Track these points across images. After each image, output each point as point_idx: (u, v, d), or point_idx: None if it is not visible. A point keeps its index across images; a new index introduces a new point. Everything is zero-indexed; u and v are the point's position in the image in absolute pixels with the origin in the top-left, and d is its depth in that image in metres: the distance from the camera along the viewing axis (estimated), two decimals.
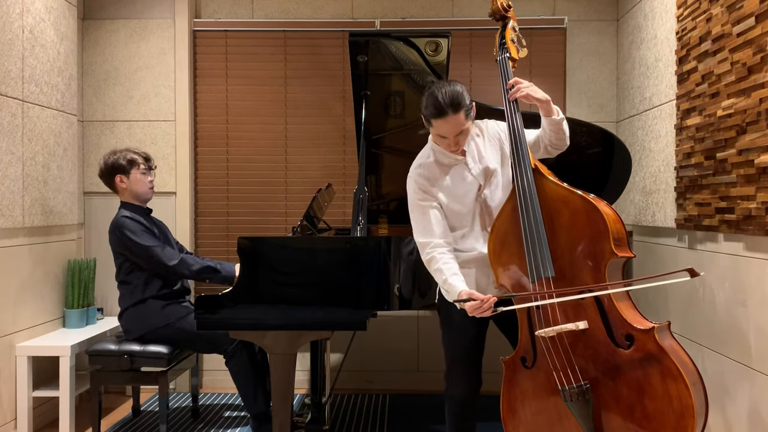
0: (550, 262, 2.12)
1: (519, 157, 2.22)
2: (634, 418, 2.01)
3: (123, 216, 3.24)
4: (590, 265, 2.09)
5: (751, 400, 2.61)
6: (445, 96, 2.18)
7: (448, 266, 2.23)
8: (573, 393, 2.06)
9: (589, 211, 2.09)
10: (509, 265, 2.22)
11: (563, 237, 2.14)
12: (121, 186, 3.32)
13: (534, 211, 2.15)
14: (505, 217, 2.24)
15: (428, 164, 2.35)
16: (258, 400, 3.17)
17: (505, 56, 2.40)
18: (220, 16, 4.29)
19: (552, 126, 2.29)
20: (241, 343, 3.14)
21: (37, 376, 3.41)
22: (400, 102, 3.29)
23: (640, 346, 1.99)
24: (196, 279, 3.28)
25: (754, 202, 2.50)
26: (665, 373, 1.95)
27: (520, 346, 2.22)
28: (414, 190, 2.34)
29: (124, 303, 3.27)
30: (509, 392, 2.24)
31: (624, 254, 2.09)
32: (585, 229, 2.10)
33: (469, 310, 2.12)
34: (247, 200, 4.30)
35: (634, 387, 2.00)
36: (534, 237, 2.13)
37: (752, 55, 2.50)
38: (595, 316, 2.07)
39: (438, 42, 3.06)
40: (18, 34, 3.34)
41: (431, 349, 4.21)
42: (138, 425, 3.57)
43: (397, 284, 2.72)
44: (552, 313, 2.11)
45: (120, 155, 3.31)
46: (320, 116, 4.28)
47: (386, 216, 3.59)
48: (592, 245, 2.09)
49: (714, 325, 2.88)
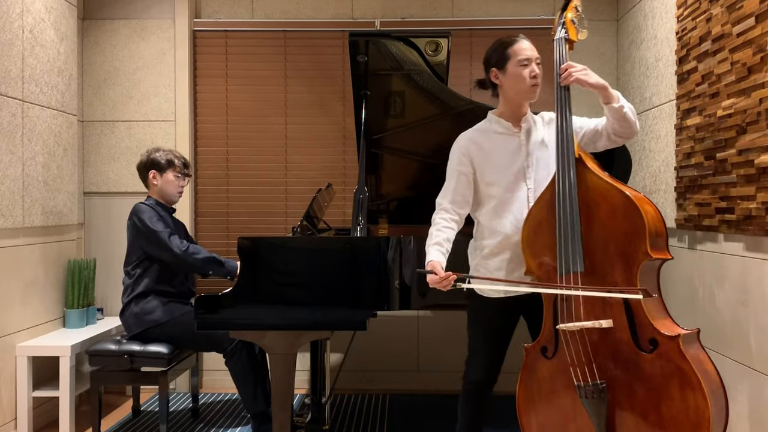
0: (581, 257, 2.08)
1: (563, 146, 2.17)
2: (647, 423, 1.99)
3: (142, 203, 3.33)
4: (622, 264, 2.05)
5: (752, 400, 2.61)
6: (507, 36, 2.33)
7: (438, 234, 2.28)
8: (589, 390, 2.05)
9: (628, 207, 2.03)
10: (540, 254, 2.20)
11: (598, 232, 2.09)
12: (153, 182, 3.38)
13: (571, 202, 2.10)
14: (543, 205, 2.20)
15: (481, 130, 2.39)
16: (258, 400, 3.17)
17: (562, 37, 2.29)
18: (220, 16, 4.29)
19: (614, 114, 2.22)
20: (241, 343, 3.14)
21: (37, 376, 3.41)
22: (400, 102, 3.29)
23: (664, 351, 1.97)
24: (200, 269, 3.28)
25: (754, 202, 2.50)
26: (685, 382, 1.92)
27: (543, 336, 2.21)
28: (453, 152, 2.37)
29: (126, 296, 3.28)
30: (527, 379, 2.24)
31: (660, 256, 2.04)
32: (622, 226, 2.04)
33: (429, 282, 2.17)
34: (247, 200, 4.30)
35: (651, 392, 1.98)
36: (568, 229, 2.10)
37: (752, 55, 2.50)
38: (620, 317, 2.04)
39: (438, 42, 3.06)
40: (18, 34, 3.34)
41: (431, 349, 4.21)
42: (138, 425, 3.57)
43: (396, 284, 2.72)
44: (576, 309, 2.10)
45: (161, 154, 3.40)
46: (320, 116, 4.28)
47: (386, 216, 3.59)
48: (626, 244, 2.04)
49: (714, 325, 2.88)
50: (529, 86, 2.28)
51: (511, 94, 2.32)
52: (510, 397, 2.29)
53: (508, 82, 2.31)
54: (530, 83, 2.28)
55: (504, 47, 2.30)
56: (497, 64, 2.31)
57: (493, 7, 4.22)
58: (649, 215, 2.03)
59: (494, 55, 2.32)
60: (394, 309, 2.73)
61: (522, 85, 2.29)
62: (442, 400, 3.91)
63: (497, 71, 2.32)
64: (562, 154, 2.16)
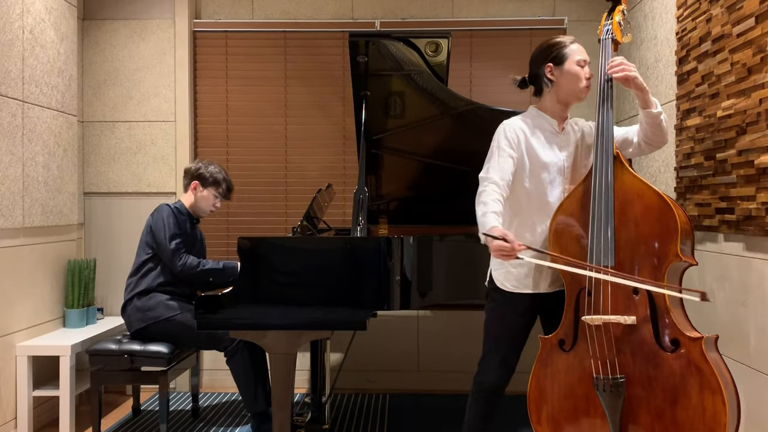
0: (612, 252, 2.11)
1: (602, 142, 2.20)
2: (662, 422, 2.00)
3: (167, 205, 3.38)
4: (652, 263, 2.08)
5: (752, 400, 2.61)
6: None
7: (495, 204, 2.19)
8: (607, 384, 2.06)
9: (663, 209, 2.08)
10: (568, 247, 2.21)
11: (631, 229, 2.12)
12: (191, 192, 3.45)
13: (607, 197, 2.14)
14: (575, 199, 2.23)
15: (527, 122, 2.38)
16: (258, 400, 3.18)
17: (609, 36, 2.37)
18: (220, 17, 4.30)
19: (649, 119, 2.27)
20: (242, 342, 3.15)
21: (37, 376, 3.42)
22: (400, 102, 3.29)
23: (685, 353, 1.99)
24: (200, 278, 3.31)
25: (754, 202, 2.51)
26: (704, 385, 1.94)
27: (561, 328, 2.22)
28: (500, 133, 2.35)
29: (129, 291, 3.31)
30: (541, 370, 2.24)
31: (687, 260, 2.08)
32: (655, 227, 2.08)
33: (494, 247, 2.06)
34: (247, 200, 4.30)
35: (669, 391, 2.00)
36: (601, 223, 2.12)
37: (752, 56, 2.50)
38: (645, 314, 2.06)
39: (438, 42, 3.06)
40: (18, 34, 3.34)
41: (431, 349, 4.21)
42: (138, 425, 3.57)
43: (397, 284, 2.72)
44: (603, 302, 2.11)
45: (212, 171, 3.46)
46: (320, 116, 4.29)
47: (386, 216, 3.60)
48: (658, 244, 2.07)
49: (714, 325, 2.88)
50: (583, 86, 2.33)
51: (564, 91, 2.34)
52: (516, 396, 2.29)
53: (563, 79, 2.33)
54: (585, 84, 2.33)
55: (562, 45, 2.33)
56: (555, 60, 2.33)
57: (493, 7, 4.22)
58: (681, 219, 2.07)
59: (551, 50, 2.34)
60: (394, 309, 2.73)
61: (577, 84, 2.32)
62: (442, 400, 3.91)
63: (554, 67, 2.33)
64: (601, 149, 2.20)
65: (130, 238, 4.09)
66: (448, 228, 3.24)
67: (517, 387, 2.65)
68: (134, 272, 3.35)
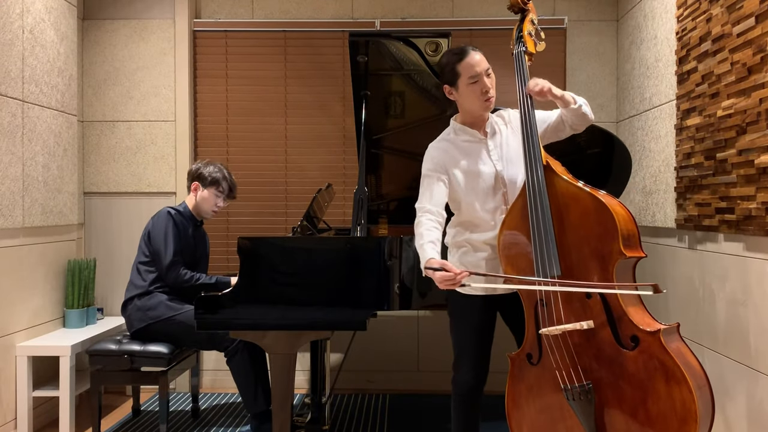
0: (557, 260, 2.11)
1: (531, 154, 2.21)
2: (636, 420, 2.00)
3: (169, 212, 3.35)
4: (597, 264, 2.08)
5: (752, 400, 2.61)
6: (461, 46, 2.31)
7: (429, 233, 2.24)
8: (576, 392, 2.06)
9: (599, 209, 2.08)
10: (517, 261, 2.22)
11: (571, 235, 2.13)
12: (193, 192, 3.43)
13: (543, 208, 2.14)
14: (516, 213, 2.24)
15: (449, 140, 2.39)
16: (258, 400, 3.18)
17: (521, 50, 2.36)
18: (220, 17, 4.29)
19: (573, 113, 2.29)
20: (243, 342, 3.15)
21: (37, 376, 3.41)
22: (400, 102, 3.29)
23: (645, 347, 1.98)
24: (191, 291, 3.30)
25: (754, 202, 2.50)
26: (669, 376, 1.94)
27: (526, 343, 2.22)
28: (427, 159, 2.37)
29: (130, 290, 3.31)
30: (514, 388, 2.25)
31: (634, 254, 2.07)
32: (593, 228, 2.08)
33: (438, 280, 2.11)
34: (247, 200, 4.30)
35: (637, 389, 2.00)
36: (542, 234, 2.13)
37: (752, 56, 2.50)
38: (600, 316, 2.06)
39: (438, 42, 3.06)
40: (18, 34, 3.34)
41: (431, 349, 4.21)
42: (138, 425, 3.57)
43: (397, 284, 2.72)
44: (557, 312, 2.11)
45: (212, 170, 3.42)
46: (320, 116, 4.28)
47: (386, 216, 3.59)
48: (600, 245, 2.07)
49: (714, 325, 2.88)
50: (482, 102, 2.29)
51: (467, 108, 2.35)
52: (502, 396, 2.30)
53: (462, 99, 2.33)
54: (483, 98, 2.29)
55: (453, 63, 2.29)
56: (449, 82, 2.32)
57: (493, 7, 4.22)
58: (619, 215, 2.07)
59: (445, 72, 2.32)
60: (394, 309, 2.73)
61: (476, 103, 2.30)
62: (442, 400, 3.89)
63: (450, 88, 2.34)
64: (530, 161, 2.21)
65: (130, 238, 4.09)
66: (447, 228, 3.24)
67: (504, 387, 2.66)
68: (135, 271, 3.35)
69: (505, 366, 2.27)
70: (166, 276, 3.25)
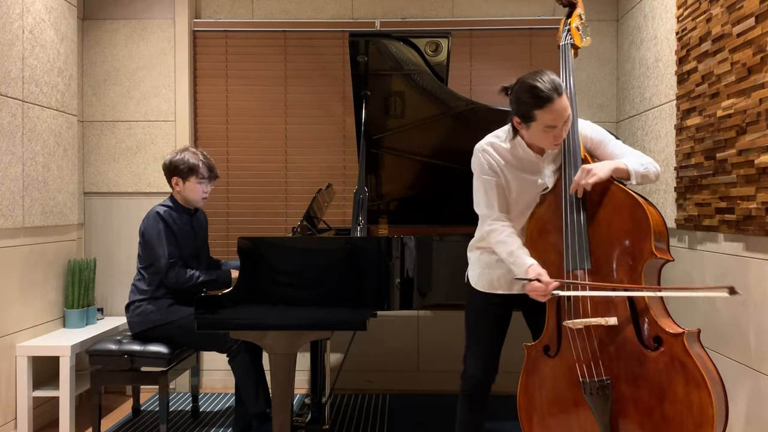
0: (588, 254, 2.11)
1: (569, 147, 2.20)
2: (651, 420, 2.01)
3: (158, 212, 3.26)
4: (627, 262, 2.08)
5: (751, 400, 2.61)
6: (546, 82, 2.06)
7: (513, 240, 2.20)
8: (594, 387, 2.07)
9: (634, 208, 2.08)
10: (545, 254, 2.22)
11: (603, 231, 2.13)
12: (175, 188, 3.34)
13: (578, 202, 2.14)
14: (547, 205, 2.23)
15: (501, 149, 2.28)
16: (259, 400, 3.17)
17: (568, 42, 2.37)
18: (220, 17, 4.29)
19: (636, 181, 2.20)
20: (244, 343, 3.14)
21: (37, 376, 3.41)
22: (400, 102, 3.29)
23: (668, 349, 1.99)
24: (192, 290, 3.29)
25: (754, 202, 2.50)
26: (689, 379, 1.95)
27: (545, 334, 2.22)
28: (479, 163, 2.29)
29: (134, 296, 3.29)
30: (528, 378, 2.25)
31: (663, 256, 2.08)
32: (627, 226, 2.09)
33: (530, 289, 2.09)
34: (247, 200, 4.30)
35: (655, 389, 2.01)
36: (575, 227, 2.13)
37: (752, 56, 2.50)
38: (625, 314, 2.07)
39: (438, 42, 3.06)
40: (18, 34, 3.34)
41: (431, 349, 4.21)
42: (138, 425, 3.57)
43: (397, 284, 2.72)
44: (583, 306, 2.11)
45: (185, 158, 3.30)
46: (320, 116, 4.28)
47: (386, 216, 3.59)
48: (632, 243, 2.08)
49: (714, 325, 2.88)
50: (550, 145, 2.19)
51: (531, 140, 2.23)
52: (509, 396, 2.30)
53: (528, 135, 2.21)
54: (551, 143, 2.18)
55: (533, 106, 2.09)
56: (523, 118, 2.16)
57: (493, 7, 4.22)
58: (653, 216, 2.07)
59: (521, 106, 2.13)
60: (394, 309, 2.74)
61: (543, 143, 2.20)
62: (442, 400, 3.91)
63: (520, 122, 2.18)
64: (568, 154, 2.20)
65: (130, 238, 4.09)
66: (448, 228, 3.24)
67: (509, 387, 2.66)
68: (138, 275, 3.31)
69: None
70: (166, 279, 3.21)
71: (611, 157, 2.26)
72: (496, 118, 2.52)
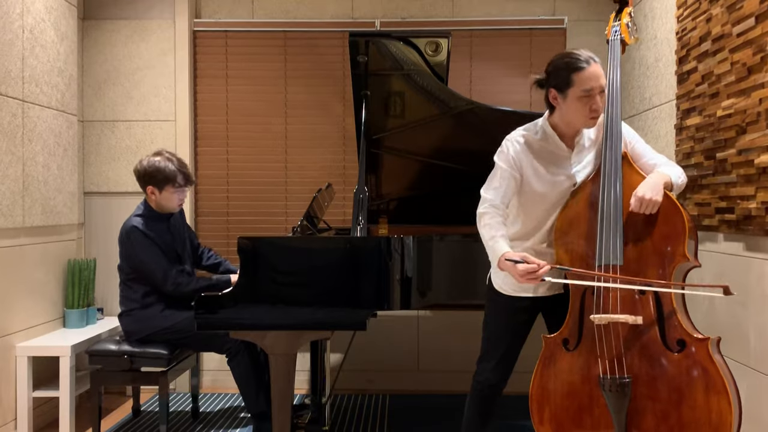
0: (621, 250, 2.10)
1: (611, 142, 2.19)
2: (667, 422, 2.01)
3: (134, 226, 3.19)
4: (659, 262, 2.08)
5: (751, 399, 2.61)
6: (581, 52, 2.18)
7: (501, 227, 2.19)
8: (614, 384, 2.06)
9: (671, 209, 2.09)
10: (573, 247, 2.21)
11: (638, 229, 2.12)
12: (151, 196, 3.28)
13: (616, 196, 2.13)
14: (581, 198, 2.22)
15: (533, 141, 2.28)
16: (259, 400, 3.17)
17: (618, 38, 2.38)
18: (220, 17, 4.29)
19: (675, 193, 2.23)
20: (244, 343, 3.14)
21: (37, 376, 3.41)
22: (400, 102, 3.29)
23: (691, 353, 2.00)
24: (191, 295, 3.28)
25: (753, 202, 2.50)
26: (710, 385, 1.95)
27: (566, 328, 2.21)
28: (505, 151, 2.28)
29: (124, 305, 3.26)
30: (544, 370, 2.23)
31: (693, 261, 2.09)
32: (662, 227, 2.09)
33: (519, 272, 2.06)
34: (247, 200, 4.30)
35: (675, 392, 2.01)
36: (610, 221, 2.12)
37: (752, 55, 2.50)
38: (651, 314, 2.07)
39: (438, 42, 3.06)
40: (18, 34, 3.34)
41: (431, 349, 4.21)
42: (138, 425, 3.57)
43: (397, 284, 2.72)
44: (612, 301, 2.11)
45: (160, 167, 3.21)
46: (320, 116, 4.28)
47: (386, 216, 3.59)
48: (666, 243, 2.08)
49: (714, 325, 2.88)
50: (586, 119, 2.19)
51: (568, 120, 2.24)
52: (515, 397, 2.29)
53: (566, 108, 2.21)
54: (589, 116, 2.18)
55: (571, 70, 2.16)
56: (558, 86, 2.19)
57: (493, 7, 4.22)
58: (688, 220, 2.09)
59: (559, 74, 2.19)
60: (394, 309, 2.73)
61: (579, 118, 2.20)
62: (442, 400, 3.91)
63: (557, 93, 2.21)
64: (610, 149, 2.19)
65: None
66: (448, 228, 3.24)
67: (518, 387, 2.66)
68: (122, 285, 3.26)
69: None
70: (165, 289, 3.17)
71: (640, 156, 2.29)
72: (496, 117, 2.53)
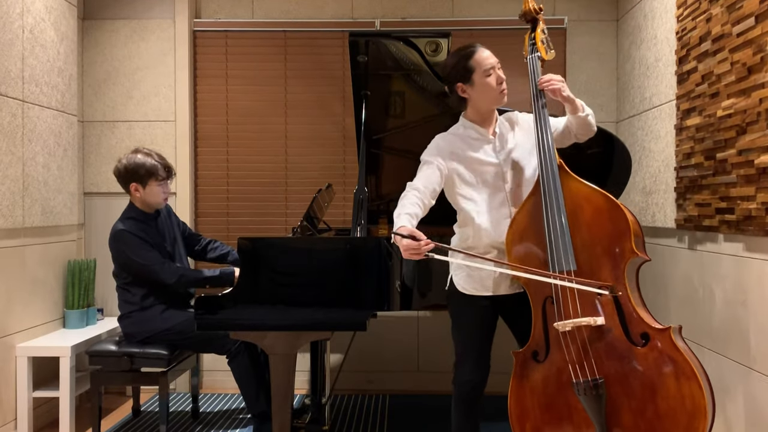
0: (572, 255, 2.15)
1: (545, 152, 2.26)
2: (645, 416, 2.03)
3: (122, 229, 3.16)
4: (609, 262, 2.13)
5: (751, 400, 2.61)
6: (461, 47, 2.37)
7: (411, 207, 2.22)
8: (587, 387, 2.08)
9: (612, 210, 2.14)
10: (527, 259, 2.24)
11: (585, 234, 2.17)
12: (135, 194, 3.26)
13: (558, 205, 2.18)
14: (526, 212, 2.27)
15: (456, 134, 2.42)
16: (260, 400, 3.17)
17: (535, 56, 2.43)
18: (220, 17, 4.29)
19: (579, 121, 2.37)
20: (244, 344, 3.14)
21: (37, 377, 3.41)
22: (400, 102, 3.29)
23: (656, 345, 2.03)
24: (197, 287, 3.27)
25: (754, 202, 2.50)
26: (679, 372, 1.99)
27: (533, 340, 2.23)
28: (431, 147, 2.40)
29: (123, 309, 3.25)
30: (518, 386, 2.25)
31: (642, 255, 2.13)
32: (607, 227, 2.14)
33: (403, 247, 2.07)
34: (247, 200, 4.30)
35: (647, 385, 2.04)
36: (557, 230, 2.16)
37: (752, 55, 2.50)
38: (611, 313, 2.10)
39: (438, 42, 3.06)
40: (18, 34, 3.34)
41: (431, 349, 4.21)
42: (138, 426, 3.57)
43: (397, 284, 2.72)
44: (567, 308, 2.14)
45: (140, 162, 3.21)
46: (320, 116, 4.28)
47: (386, 216, 3.59)
48: (613, 243, 2.13)
49: (714, 325, 2.88)
50: (498, 93, 2.33)
51: (482, 104, 2.37)
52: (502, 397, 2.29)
53: (476, 94, 2.35)
54: (499, 90, 2.33)
55: (465, 59, 2.33)
56: (462, 79, 2.34)
57: (493, 7, 4.22)
58: (630, 217, 2.14)
59: (456, 70, 2.34)
60: (394, 309, 2.74)
61: (492, 94, 2.33)
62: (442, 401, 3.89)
63: (464, 85, 2.35)
64: (545, 163, 2.25)
65: None
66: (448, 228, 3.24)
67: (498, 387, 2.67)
68: (120, 290, 3.24)
69: (505, 367, 2.27)
70: (167, 282, 3.14)
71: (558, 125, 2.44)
72: None
